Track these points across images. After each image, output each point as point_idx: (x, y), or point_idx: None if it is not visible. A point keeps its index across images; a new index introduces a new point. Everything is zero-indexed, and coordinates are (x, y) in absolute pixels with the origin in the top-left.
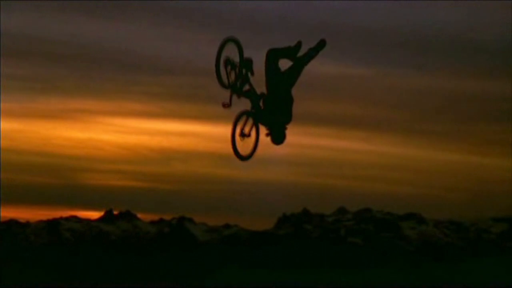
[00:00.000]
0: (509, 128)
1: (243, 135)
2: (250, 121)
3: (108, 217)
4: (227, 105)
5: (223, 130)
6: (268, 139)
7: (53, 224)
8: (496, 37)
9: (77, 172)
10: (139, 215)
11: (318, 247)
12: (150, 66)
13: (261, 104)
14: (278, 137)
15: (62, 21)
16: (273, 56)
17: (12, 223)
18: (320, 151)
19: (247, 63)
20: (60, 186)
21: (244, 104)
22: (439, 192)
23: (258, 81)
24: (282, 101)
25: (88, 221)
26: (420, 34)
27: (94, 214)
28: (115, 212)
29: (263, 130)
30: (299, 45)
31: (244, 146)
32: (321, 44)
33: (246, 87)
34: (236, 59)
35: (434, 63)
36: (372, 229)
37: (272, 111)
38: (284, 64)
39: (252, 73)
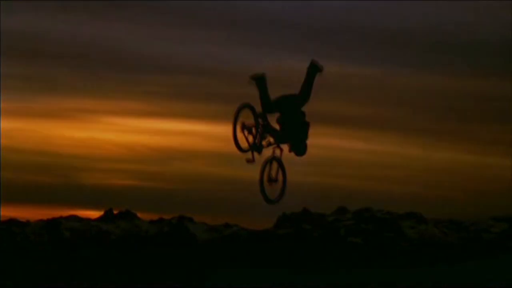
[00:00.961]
0: (509, 128)
1: (270, 180)
2: (275, 165)
3: (108, 217)
4: (251, 161)
5: (223, 129)
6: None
7: (53, 223)
8: (496, 37)
9: (77, 171)
10: (139, 214)
11: (318, 247)
12: (150, 66)
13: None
14: (299, 150)
15: (62, 21)
16: (266, 108)
17: (12, 222)
18: (320, 150)
19: (261, 115)
20: (60, 185)
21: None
22: (439, 192)
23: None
24: (295, 119)
25: (88, 220)
26: (420, 34)
27: (94, 214)
28: (115, 212)
29: (286, 151)
30: (261, 77)
31: (272, 191)
32: (314, 68)
33: (266, 140)
34: (252, 121)
35: (434, 63)
36: (372, 229)
37: (287, 128)
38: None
39: (268, 123)
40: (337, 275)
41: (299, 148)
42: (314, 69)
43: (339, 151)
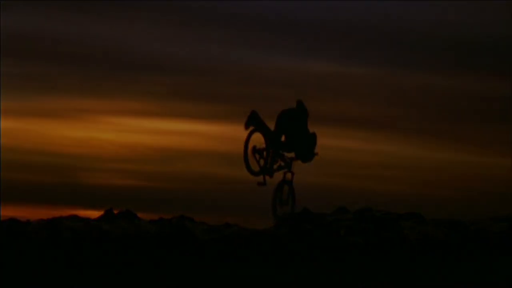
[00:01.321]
0: (509, 128)
1: (281, 203)
2: (286, 189)
3: (108, 216)
4: (262, 184)
5: (223, 129)
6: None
7: (53, 223)
8: (496, 37)
9: (78, 171)
10: (139, 214)
11: (318, 247)
12: (150, 65)
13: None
14: (304, 157)
15: (62, 21)
16: (272, 143)
17: (12, 222)
18: (320, 150)
19: (271, 140)
20: (60, 185)
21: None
22: (439, 191)
23: None
24: (298, 131)
25: (88, 220)
26: (419, 34)
27: (94, 213)
28: (115, 211)
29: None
30: (253, 118)
31: (282, 212)
32: (301, 108)
33: (277, 163)
34: (263, 144)
35: (435, 63)
36: (372, 229)
37: (291, 140)
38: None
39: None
40: (337, 275)
41: (304, 156)
42: (301, 109)
43: (339, 151)
